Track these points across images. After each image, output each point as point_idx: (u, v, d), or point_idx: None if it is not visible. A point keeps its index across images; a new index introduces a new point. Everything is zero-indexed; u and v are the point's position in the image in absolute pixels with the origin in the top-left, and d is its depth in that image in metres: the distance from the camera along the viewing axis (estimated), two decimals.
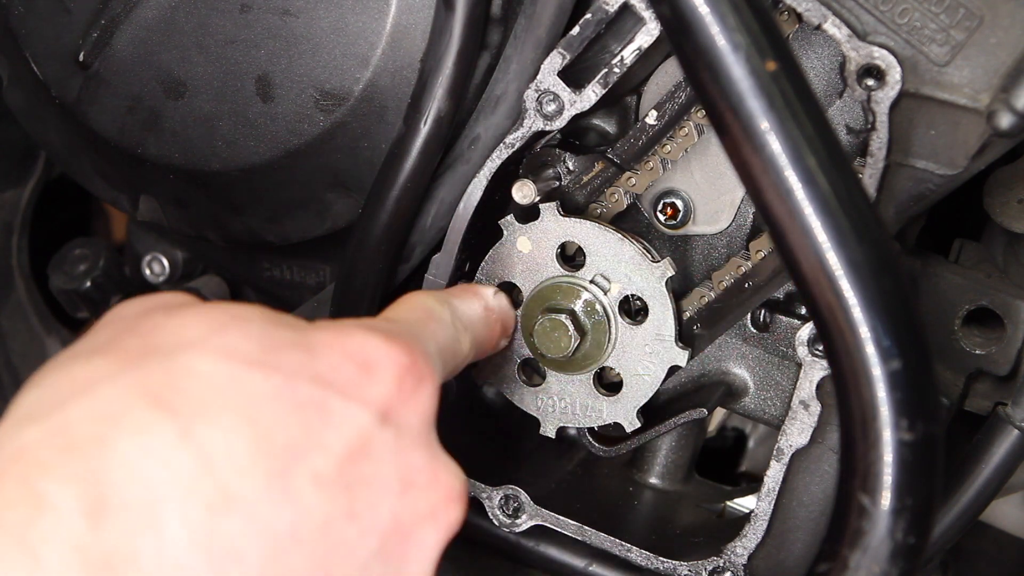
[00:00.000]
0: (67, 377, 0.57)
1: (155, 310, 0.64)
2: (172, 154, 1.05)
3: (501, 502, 1.00)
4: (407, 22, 0.95)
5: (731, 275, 0.97)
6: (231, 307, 0.64)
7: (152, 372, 0.57)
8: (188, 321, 0.62)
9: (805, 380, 0.91)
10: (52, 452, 0.53)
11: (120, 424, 0.55)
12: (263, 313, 0.64)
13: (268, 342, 0.61)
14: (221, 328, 0.61)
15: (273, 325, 0.63)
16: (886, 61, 0.83)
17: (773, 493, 0.94)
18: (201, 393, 0.57)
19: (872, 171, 0.85)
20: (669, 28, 0.72)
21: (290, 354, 0.61)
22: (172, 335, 0.60)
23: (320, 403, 0.61)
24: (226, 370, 0.58)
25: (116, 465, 0.54)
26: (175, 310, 0.63)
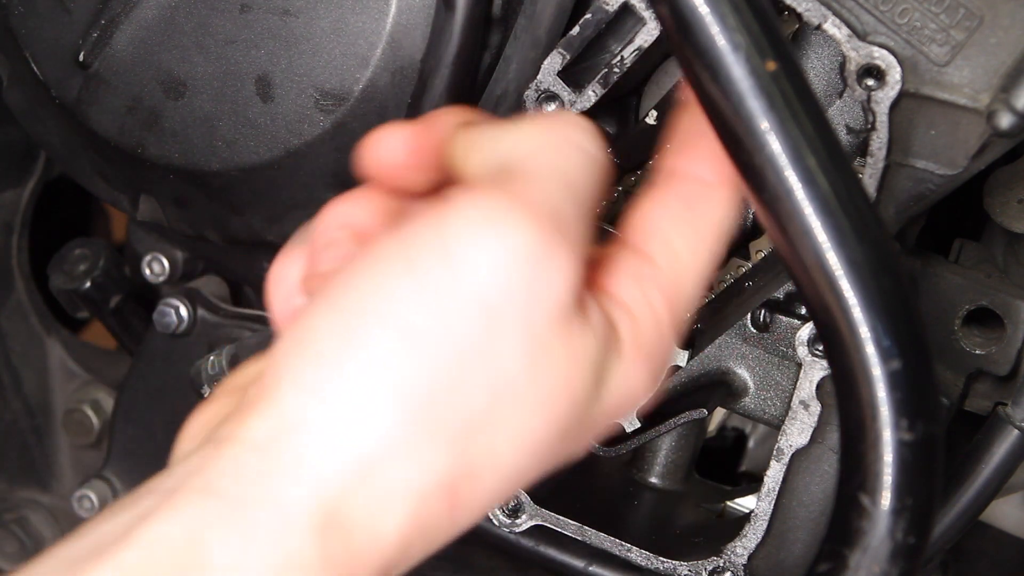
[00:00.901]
0: (392, 438, 0.58)
1: (525, 330, 0.60)
2: (172, 154, 1.05)
3: None
4: (407, 22, 0.95)
5: (731, 275, 0.97)
6: (572, 380, 0.61)
7: (465, 470, 0.60)
8: (522, 395, 0.60)
9: (805, 380, 0.91)
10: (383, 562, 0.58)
11: (424, 535, 0.59)
12: (594, 374, 0.62)
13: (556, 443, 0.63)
14: (545, 429, 0.61)
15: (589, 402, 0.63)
16: (886, 61, 0.83)
17: (773, 493, 0.94)
18: (487, 499, 0.61)
19: (872, 171, 0.85)
20: (669, 28, 0.72)
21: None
22: (505, 415, 0.60)
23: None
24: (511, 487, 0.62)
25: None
26: (537, 357, 0.60)
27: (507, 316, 0.58)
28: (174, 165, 1.06)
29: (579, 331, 0.61)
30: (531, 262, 0.58)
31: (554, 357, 0.60)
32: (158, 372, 1.29)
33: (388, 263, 0.58)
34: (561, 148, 0.63)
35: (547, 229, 0.58)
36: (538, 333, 0.59)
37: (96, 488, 1.34)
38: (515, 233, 0.58)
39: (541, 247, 0.58)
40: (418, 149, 0.66)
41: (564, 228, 0.59)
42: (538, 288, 0.58)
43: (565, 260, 0.59)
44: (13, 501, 1.49)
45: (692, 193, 0.69)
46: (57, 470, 1.49)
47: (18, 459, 1.48)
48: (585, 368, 0.61)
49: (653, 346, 0.65)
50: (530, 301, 0.58)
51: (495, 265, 0.57)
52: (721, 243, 0.70)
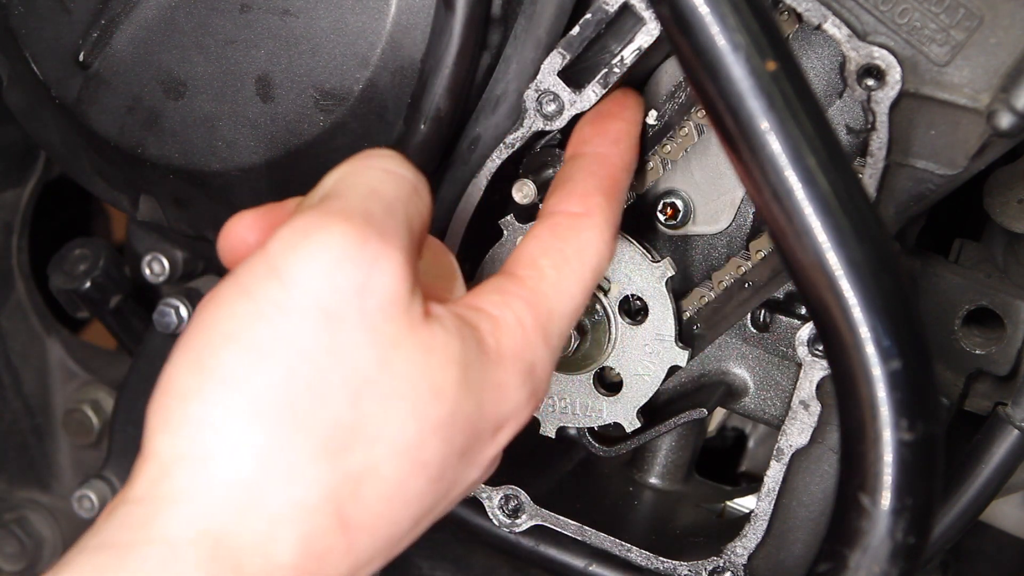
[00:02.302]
0: (267, 452, 0.59)
1: (368, 325, 0.62)
2: (172, 154, 1.05)
3: (501, 502, 1.01)
4: (407, 22, 0.95)
5: (731, 275, 0.97)
6: (434, 371, 0.63)
7: (346, 481, 0.61)
8: (395, 393, 0.62)
9: (805, 380, 0.91)
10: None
11: (314, 550, 0.60)
12: (460, 371, 0.64)
13: (449, 431, 0.64)
14: (421, 421, 0.63)
15: (464, 395, 0.64)
16: (886, 61, 0.83)
17: (773, 493, 0.94)
18: (375, 505, 0.62)
19: (872, 171, 0.85)
20: (669, 28, 0.72)
21: (458, 442, 0.65)
22: (377, 417, 0.62)
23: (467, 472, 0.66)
24: (405, 480, 0.63)
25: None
26: (388, 352, 0.62)
27: (343, 314, 0.60)
28: (174, 165, 1.06)
29: (425, 325, 0.62)
30: (352, 258, 0.60)
31: (405, 350, 0.61)
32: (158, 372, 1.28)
33: (225, 294, 0.61)
34: (366, 170, 0.67)
35: (359, 228, 0.61)
36: (378, 326, 0.61)
37: (96, 488, 1.34)
38: (330, 237, 0.60)
39: (358, 244, 0.60)
40: (267, 228, 0.70)
41: (377, 226, 0.62)
42: (365, 281, 0.60)
43: (385, 254, 0.61)
44: (13, 501, 1.49)
45: (561, 224, 0.74)
46: (57, 470, 1.49)
47: (18, 459, 1.48)
48: (445, 362, 0.62)
49: (521, 351, 0.67)
50: (362, 294, 0.60)
51: (319, 269, 0.60)
52: (590, 267, 0.73)
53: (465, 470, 0.66)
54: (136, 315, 1.36)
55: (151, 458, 0.59)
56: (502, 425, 0.67)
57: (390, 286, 0.61)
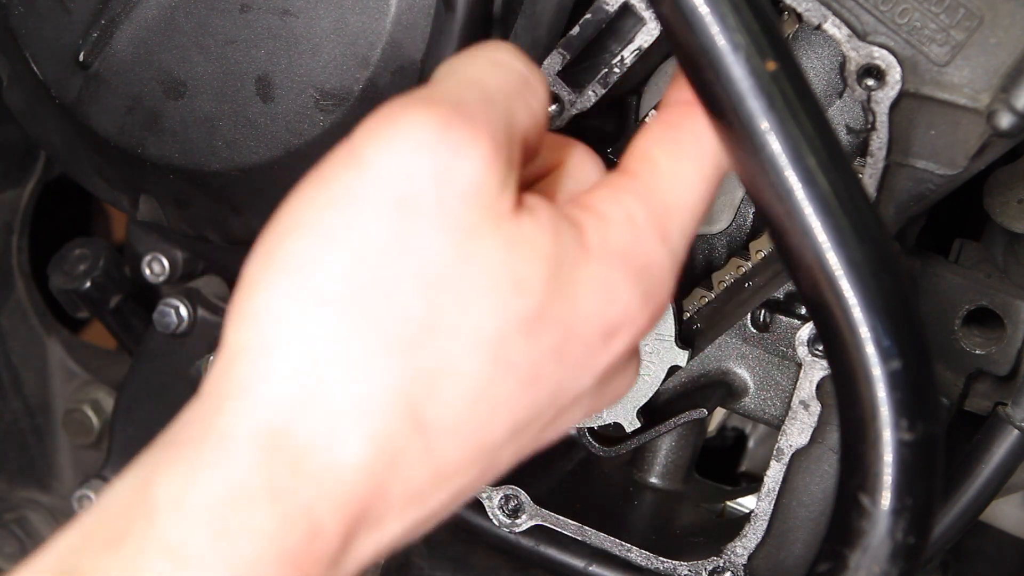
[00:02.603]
0: (333, 350, 0.57)
1: (446, 219, 0.58)
2: (172, 154, 1.05)
3: (501, 502, 1.00)
4: (407, 22, 0.95)
5: (731, 275, 0.97)
6: (518, 267, 0.58)
7: (421, 378, 0.58)
8: (472, 290, 0.58)
9: (805, 380, 0.91)
10: (322, 469, 0.56)
11: (385, 449, 0.57)
12: (549, 271, 0.59)
13: (535, 328, 0.59)
14: (502, 315, 0.58)
15: (550, 293, 0.59)
16: (886, 61, 0.83)
17: (773, 493, 0.94)
18: (454, 405, 0.58)
19: (872, 171, 0.85)
20: (669, 28, 0.72)
21: (547, 339, 0.59)
22: (454, 310, 0.58)
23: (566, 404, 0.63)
24: (486, 377, 0.59)
25: (372, 485, 0.56)
26: (466, 246, 0.58)
27: (418, 202, 0.57)
28: (174, 165, 1.06)
29: (513, 217, 0.59)
30: (432, 144, 0.57)
31: (486, 242, 0.58)
32: (158, 372, 1.29)
33: (306, 184, 0.59)
34: (470, 59, 0.63)
35: (445, 113, 0.57)
36: (457, 216, 0.57)
37: (96, 488, 1.34)
38: (412, 122, 0.57)
39: (440, 129, 0.57)
40: None
41: (466, 111, 0.58)
42: (446, 168, 0.57)
43: (471, 141, 0.57)
44: (13, 501, 1.49)
45: (675, 115, 0.68)
46: (57, 470, 1.49)
47: (18, 459, 1.48)
48: (532, 256, 0.58)
49: (632, 251, 0.62)
50: (440, 182, 0.57)
51: (397, 155, 0.57)
52: (711, 153, 0.68)
53: (571, 377, 0.61)
54: (136, 315, 1.36)
55: (221, 352, 0.58)
56: (613, 331, 0.61)
57: (473, 174, 0.57)
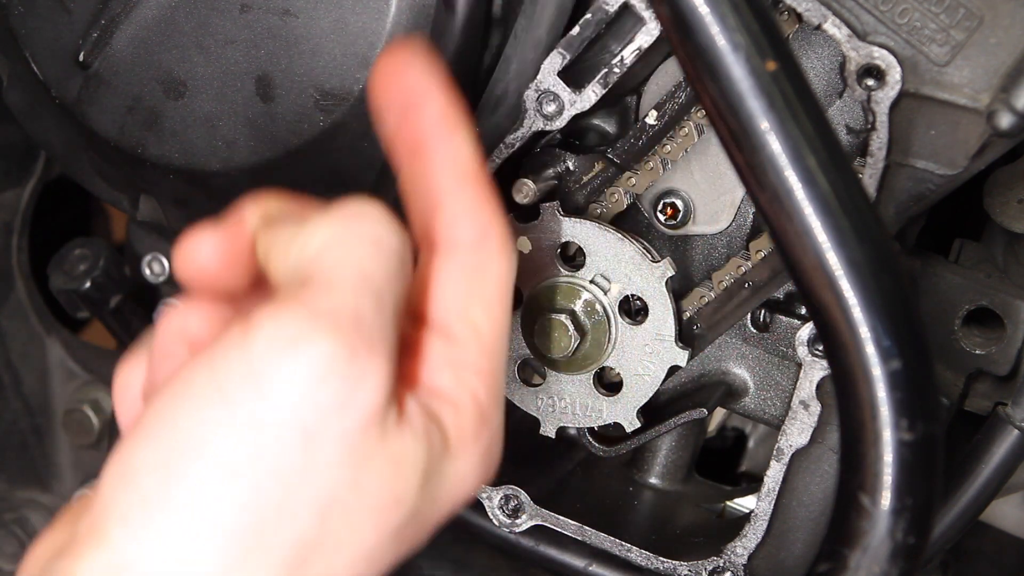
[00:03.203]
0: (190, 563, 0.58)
1: (340, 439, 0.60)
2: (172, 154, 1.05)
3: (501, 502, 1.00)
4: (407, 22, 0.95)
5: (731, 275, 0.97)
6: (395, 485, 0.61)
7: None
8: (354, 511, 0.60)
9: (805, 380, 0.91)
10: None
11: None
12: (421, 481, 0.62)
13: (394, 533, 0.63)
14: (371, 537, 0.61)
15: (422, 502, 0.62)
16: (886, 61, 0.83)
17: (773, 493, 0.94)
18: None
19: (872, 171, 0.85)
20: (669, 28, 0.72)
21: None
22: (334, 541, 0.60)
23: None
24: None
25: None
26: (360, 467, 0.60)
27: (322, 433, 0.58)
28: (174, 165, 1.06)
29: (398, 436, 0.60)
30: (338, 375, 0.57)
31: (376, 466, 0.59)
32: None
33: (200, 391, 0.58)
34: (356, 244, 0.62)
35: (349, 339, 0.58)
36: (356, 445, 0.59)
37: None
38: (318, 349, 0.57)
39: (346, 359, 0.58)
40: (227, 253, 0.67)
41: (367, 333, 0.59)
42: (349, 400, 0.58)
43: (372, 367, 0.58)
44: (13, 501, 1.49)
45: (467, 259, 0.67)
46: (57, 470, 1.49)
47: (18, 459, 1.48)
48: (410, 473, 0.61)
49: (480, 432, 0.65)
50: (343, 414, 0.58)
51: (302, 383, 0.57)
52: (509, 295, 0.69)
53: (407, 547, 0.65)
54: (136, 315, 1.36)
55: (104, 547, 0.57)
56: (457, 502, 0.66)
57: (372, 401, 0.59)
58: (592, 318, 0.95)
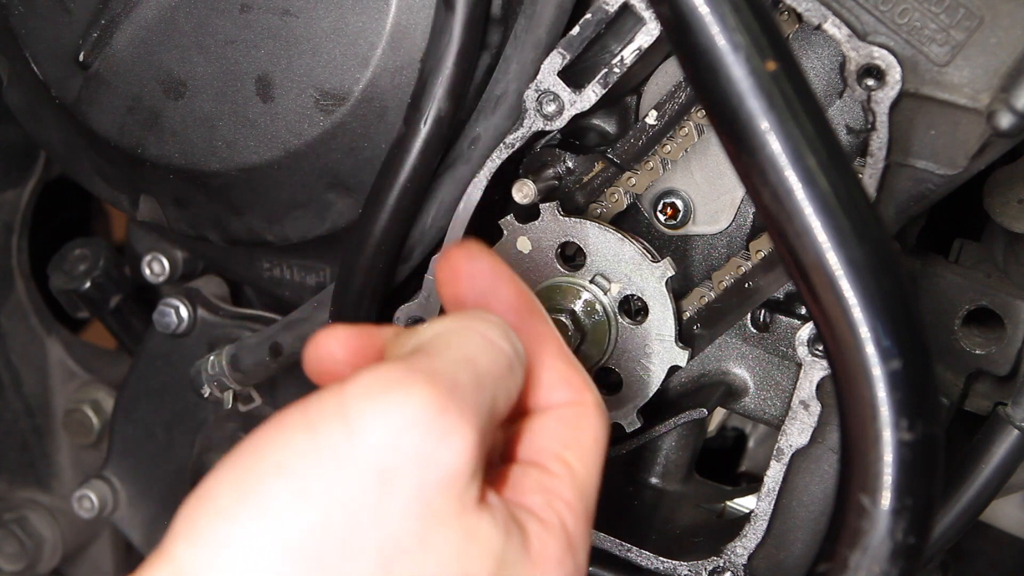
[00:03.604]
0: None
1: (421, 504, 0.60)
2: (172, 154, 1.05)
3: None
4: (407, 22, 0.95)
5: (731, 275, 0.97)
6: (473, 554, 0.61)
7: None
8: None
9: (805, 380, 0.91)
10: None
11: None
12: (499, 554, 0.62)
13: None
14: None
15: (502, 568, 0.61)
16: (886, 61, 0.83)
17: (773, 493, 0.94)
18: None
19: (872, 171, 0.85)
20: (669, 28, 0.72)
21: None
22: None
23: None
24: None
25: None
26: (432, 531, 0.60)
27: (399, 479, 0.59)
28: (174, 165, 1.06)
29: (476, 511, 0.61)
30: (424, 426, 0.59)
31: (449, 530, 0.60)
32: (158, 372, 1.29)
33: (289, 423, 0.60)
34: (466, 333, 0.65)
35: (442, 396, 0.59)
36: (431, 500, 0.59)
37: (96, 488, 1.34)
38: (410, 398, 0.59)
39: (435, 412, 0.59)
40: (358, 350, 0.69)
41: (460, 397, 0.60)
42: (431, 452, 0.59)
43: (460, 429, 0.60)
44: (13, 501, 1.49)
45: (565, 413, 0.71)
46: (57, 470, 1.49)
47: (18, 459, 1.48)
48: (484, 553, 0.61)
49: (563, 556, 0.66)
50: (424, 465, 0.59)
51: (390, 428, 0.58)
52: (603, 450, 0.73)
53: None
54: (136, 315, 1.36)
55: (169, 561, 0.58)
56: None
57: (454, 464, 0.59)
58: (592, 318, 0.95)
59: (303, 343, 1.12)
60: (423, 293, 0.98)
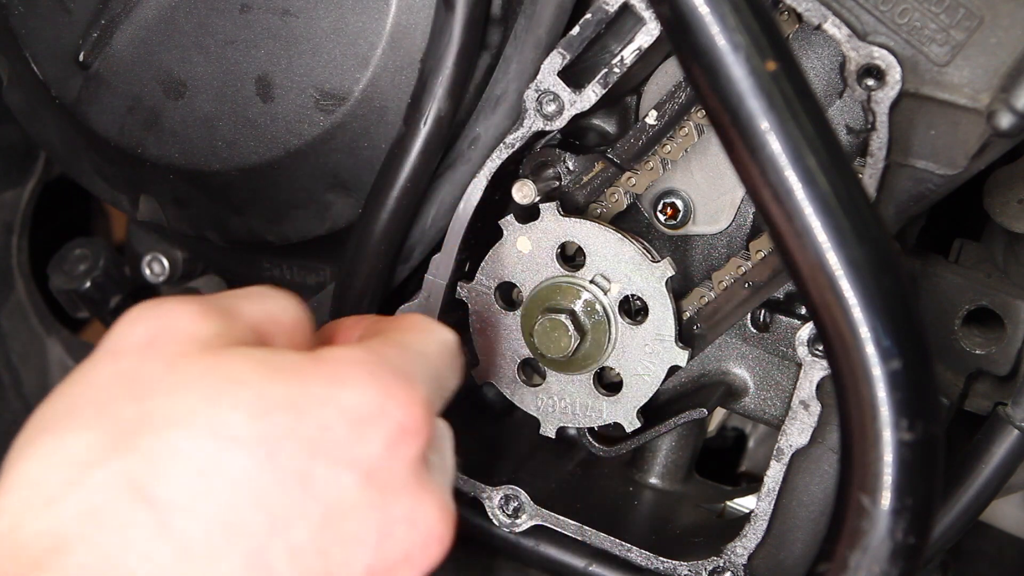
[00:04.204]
0: (60, 456, 0.61)
1: (158, 353, 0.64)
2: (172, 154, 1.05)
3: (501, 502, 1.00)
4: (407, 22, 0.95)
5: (731, 275, 0.97)
6: (229, 365, 0.63)
7: (138, 458, 0.60)
8: (184, 386, 0.62)
9: (805, 380, 0.91)
10: (43, 552, 0.58)
11: (104, 521, 0.58)
12: (259, 366, 0.64)
13: (258, 407, 0.62)
14: (214, 400, 0.61)
15: (268, 381, 0.63)
16: (886, 61, 0.83)
17: (773, 493, 0.94)
18: (182, 480, 0.59)
19: (872, 171, 0.85)
20: (669, 28, 0.72)
21: (279, 418, 0.62)
22: (165, 404, 0.62)
23: (303, 471, 0.62)
24: (210, 451, 0.60)
25: (101, 561, 0.58)
26: (177, 362, 0.64)
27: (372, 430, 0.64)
28: (174, 165, 1.06)
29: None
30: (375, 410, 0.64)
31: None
32: None
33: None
34: (423, 331, 0.74)
35: (390, 378, 0.65)
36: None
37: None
38: (378, 374, 0.65)
39: (394, 382, 0.65)
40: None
41: (410, 379, 0.67)
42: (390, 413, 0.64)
43: (404, 405, 0.65)
44: None
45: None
46: None
47: None
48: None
49: None
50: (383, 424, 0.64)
51: (364, 387, 0.64)
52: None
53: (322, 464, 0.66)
54: None
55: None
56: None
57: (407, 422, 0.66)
58: (592, 318, 0.95)
59: None
60: (423, 293, 0.98)
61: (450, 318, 0.99)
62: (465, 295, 0.98)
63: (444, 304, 0.98)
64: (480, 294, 0.98)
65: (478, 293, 0.98)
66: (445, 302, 0.98)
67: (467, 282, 0.98)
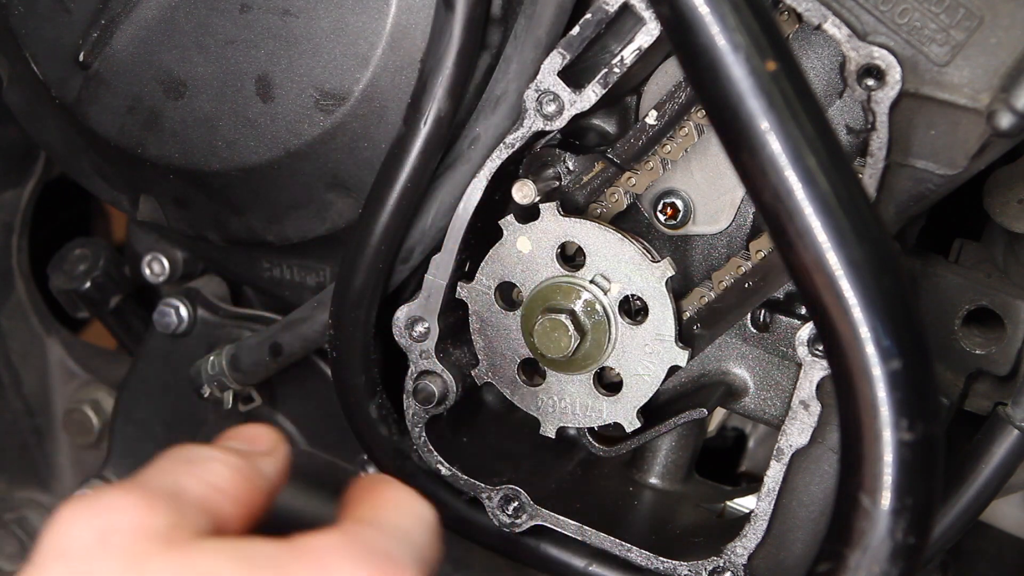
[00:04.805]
0: None
1: (111, 552, 0.60)
2: (172, 154, 1.05)
3: (501, 502, 1.01)
4: (407, 22, 0.95)
5: (731, 275, 0.97)
6: (203, 563, 0.60)
7: None
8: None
9: (805, 380, 0.91)
10: None
11: None
12: (237, 563, 0.61)
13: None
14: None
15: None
16: (886, 61, 0.83)
17: (773, 493, 0.94)
18: None
19: (872, 171, 0.85)
20: (669, 28, 0.72)
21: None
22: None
23: None
24: None
25: None
26: (141, 562, 0.60)
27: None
28: (174, 165, 1.06)
29: None
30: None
31: None
32: (158, 372, 1.29)
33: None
34: (398, 507, 0.70)
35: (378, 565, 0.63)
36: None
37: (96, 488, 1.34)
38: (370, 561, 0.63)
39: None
40: None
41: (395, 562, 0.64)
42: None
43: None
44: (13, 501, 1.49)
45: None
46: (57, 470, 1.49)
47: (18, 459, 1.48)
48: None
49: None
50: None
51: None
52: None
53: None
54: (136, 315, 1.36)
55: None
56: None
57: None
58: (592, 318, 0.95)
59: (303, 343, 1.12)
60: (423, 293, 0.98)
61: (450, 318, 0.99)
62: (465, 295, 0.98)
63: (444, 304, 0.98)
64: (480, 294, 0.98)
65: (478, 293, 0.98)
66: (445, 302, 0.98)
67: (467, 282, 0.98)
